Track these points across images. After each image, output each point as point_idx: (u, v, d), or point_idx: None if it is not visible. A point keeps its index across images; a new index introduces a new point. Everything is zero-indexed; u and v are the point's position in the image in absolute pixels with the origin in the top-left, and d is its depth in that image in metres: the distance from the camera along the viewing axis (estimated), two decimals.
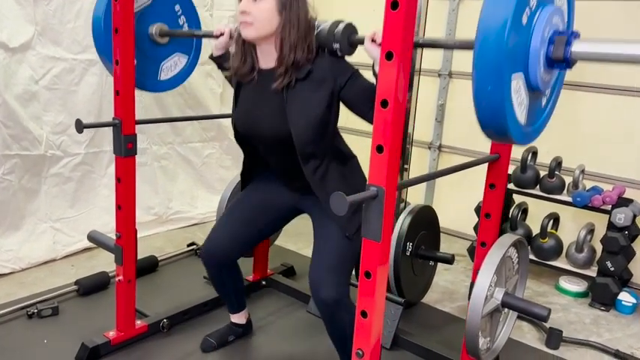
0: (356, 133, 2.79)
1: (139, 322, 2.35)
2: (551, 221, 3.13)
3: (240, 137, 2.00)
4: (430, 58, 3.72)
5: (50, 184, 3.14)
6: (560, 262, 3.09)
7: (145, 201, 3.59)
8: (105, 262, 3.10)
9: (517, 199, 3.29)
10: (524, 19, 1.22)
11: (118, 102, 2.07)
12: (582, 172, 3.03)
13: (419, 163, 3.77)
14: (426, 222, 2.76)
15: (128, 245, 2.21)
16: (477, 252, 2.06)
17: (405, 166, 3.00)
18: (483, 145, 3.67)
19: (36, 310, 2.47)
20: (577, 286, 3.06)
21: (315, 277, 1.83)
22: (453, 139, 3.85)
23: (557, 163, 3.09)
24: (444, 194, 3.97)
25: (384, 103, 1.32)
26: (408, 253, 2.63)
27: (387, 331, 2.40)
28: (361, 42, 1.70)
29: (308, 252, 3.47)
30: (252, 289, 2.83)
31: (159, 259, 3.14)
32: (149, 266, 3.01)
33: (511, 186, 3.21)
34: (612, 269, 2.82)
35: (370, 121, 1.67)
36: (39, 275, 2.91)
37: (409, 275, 2.67)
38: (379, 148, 1.35)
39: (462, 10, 3.64)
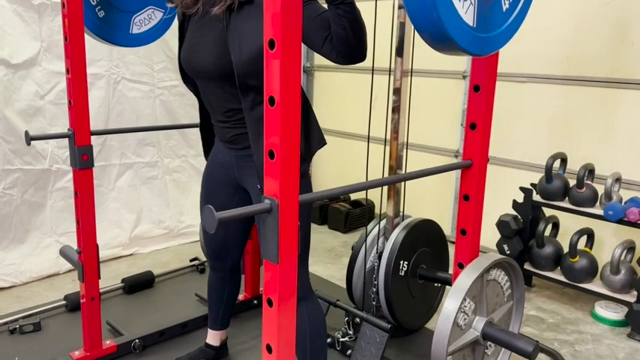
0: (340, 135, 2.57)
1: (107, 342, 2.25)
2: (584, 238, 2.74)
3: (185, 77, 1.82)
4: (454, 59, 3.43)
5: (56, 198, 3.16)
6: (596, 286, 2.69)
7: (155, 215, 3.55)
8: (107, 277, 3.06)
9: (548, 212, 2.92)
10: None
11: (71, 112, 1.99)
12: (617, 181, 2.63)
13: (445, 173, 3.46)
14: (427, 238, 2.48)
15: (89, 262, 2.11)
16: (453, 275, 1.78)
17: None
18: (517, 152, 3.37)
19: (17, 326, 2.44)
20: (615, 313, 2.64)
21: None
22: None
23: (589, 171, 2.70)
24: None
25: (271, 101, 1.12)
26: (402, 273, 2.36)
27: None
28: None
29: (316, 269, 3.29)
30: (242, 308, 2.67)
31: (161, 273, 3.07)
32: (144, 282, 2.92)
33: (538, 198, 2.86)
34: None
35: (326, 55, 1.48)
36: (37, 290, 2.91)
37: (405, 298, 2.40)
38: (270, 154, 1.15)
39: None
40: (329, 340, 2.38)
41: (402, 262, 2.36)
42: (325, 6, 1.47)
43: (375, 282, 2.37)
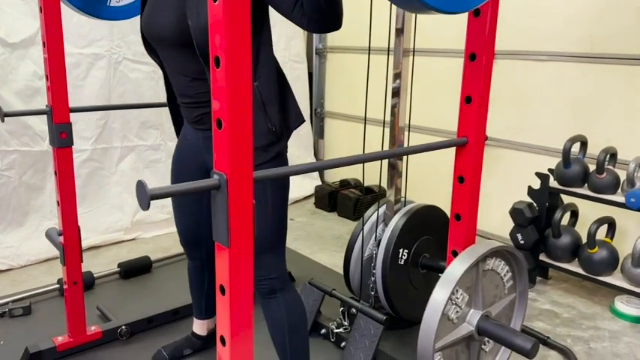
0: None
1: (92, 328, 2.17)
2: (605, 227, 2.54)
3: (148, 46, 1.68)
4: (459, 38, 3.24)
5: None
6: (616, 279, 2.49)
7: (158, 199, 3.46)
8: (106, 261, 3.00)
9: (566, 199, 2.72)
10: None
11: (49, 88, 1.90)
12: None
13: None
14: (430, 225, 2.32)
15: (70, 244, 2.04)
16: (447, 263, 1.62)
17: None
18: (536, 136, 3.16)
19: (7, 310, 2.39)
20: (636, 308, 2.44)
21: None
22: (501, 130, 3.31)
23: (610, 155, 2.50)
24: (489, 194, 3.44)
25: (217, 61, 0.99)
26: (401, 262, 2.21)
27: (364, 354, 2.01)
28: None
29: (321, 257, 3.16)
30: None
31: (161, 259, 2.99)
32: (141, 267, 2.84)
33: (555, 184, 2.66)
34: None
35: (297, 22, 1.34)
36: (34, 273, 2.86)
37: (405, 288, 2.25)
38: (218, 123, 1.02)
39: None
40: (323, 330, 2.25)
41: (401, 251, 2.21)
42: None
43: (374, 271, 2.23)
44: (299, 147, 4.29)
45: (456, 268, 1.47)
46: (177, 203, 1.94)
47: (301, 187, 4.23)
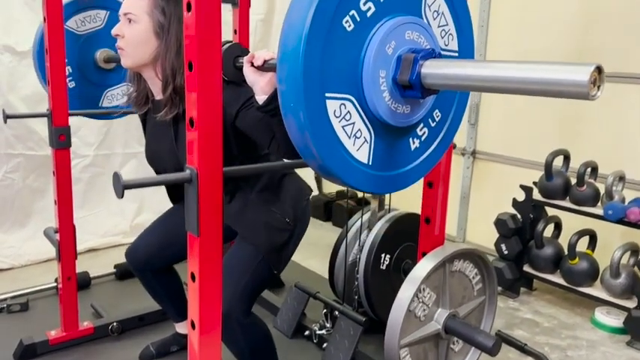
0: None
1: (85, 324, 2.26)
2: (586, 239, 2.61)
3: (156, 170, 1.87)
4: None
5: None
6: (596, 290, 2.55)
7: (157, 204, 3.54)
8: (104, 263, 3.10)
9: (551, 211, 2.79)
10: (349, 26, 0.95)
11: (49, 92, 2.02)
12: (621, 179, 2.50)
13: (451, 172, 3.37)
14: (413, 232, 2.38)
15: (65, 241, 2.14)
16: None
17: None
18: (525, 150, 3.24)
19: (5, 306, 2.49)
20: (615, 319, 2.49)
21: None
22: (491, 143, 3.40)
23: (592, 169, 2.57)
24: (479, 207, 3.51)
25: (190, 66, 1.09)
26: (383, 267, 2.29)
27: (344, 355, 2.09)
28: None
29: (311, 263, 3.24)
30: None
31: None
32: None
33: (539, 196, 2.73)
34: None
35: (274, 152, 1.44)
36: (35, 272, 2.97)
37: (387, 292, 2.32)
38: (190, 122, 1.12)
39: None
40: (307, 332, 2.33)
41: (383, 256, 2.29)
42: None
43: (357, 275, 2.31)
44: None
45: (422, 267, 1.55)
46: (160, 222, 2.05)
47: None
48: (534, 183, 2.75)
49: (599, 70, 0.84)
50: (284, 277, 2.79)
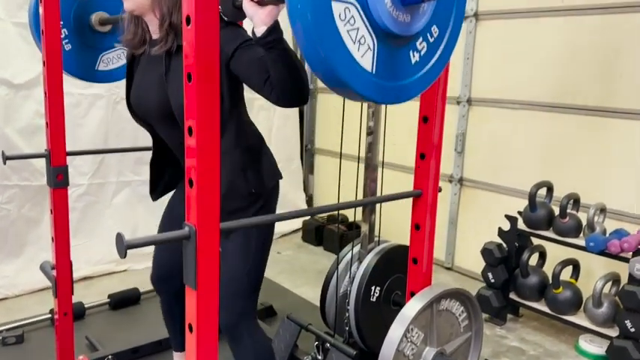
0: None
1: (81, 358, 2.30)
2: (570, 268, 2.69)
3: (136, 116, 1.87)
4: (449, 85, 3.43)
5: None
6: (580, 318, 2.62)
7: (150, 232, 3.60)
8: (98, 292, 3.13)
9: (537, 241, 2.87)
10: None
11: (48, 133, 2.07)
12: (602, 211, 2.58)
13: (439, 198, 3.44)
14: (402, 264, 2.44)
15: (62, 278, 2.18)
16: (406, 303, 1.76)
17: None
18: (510, 178, 3.32)
19: (1, 338, 2.52)
20: (599, 347, 2.57)
21: None
22: (477, 171, 3.49)
23: (574, 201, 2.66)
24: (466, 232, 3.59)
25: (190, 131, 1.16)
26: (373, 299, 2.36)
27: None
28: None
29: (303, 290, 3.29)
30: None
31: (149, 290, 3.12)
32: (130, 299, 2.98)
33: (523, 226, 2.81)
34: (632, 330, 2.32)
35: (267, 96, 1.49)
36: (28, 303, 3.00)
37: (377, 324, 2.38)
38: (190, 182, 1.18)
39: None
40: None
41: (374, 288, 2.35)
42: None
43: (348, 307, 2.36)
44: (290, 182, 4.46)
45: (411, 308, 1.62)
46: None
47: (289, 221, 4.38)
48: (519, 212, 2.83)
49: None
50: (277, 306, 2.84)
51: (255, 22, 1.40)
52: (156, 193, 2.04)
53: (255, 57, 1.50)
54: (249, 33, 1.52)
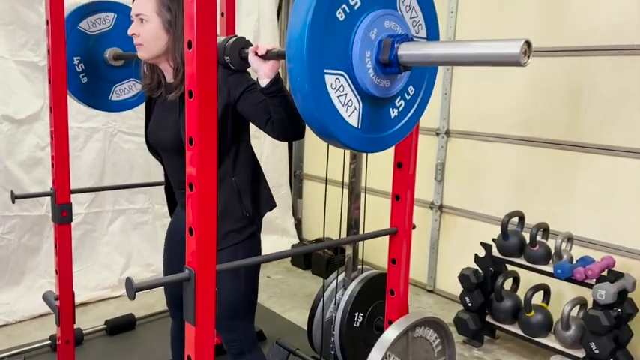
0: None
1: None
2: (541, 293, 2.87)
3: (152, 149, 2.04)
4: (427, 117, 3.64)
5: (51, 243, 3.38)
6: (551, 340, 2.81)
7: (144, 258, 3.77)
8: (94, 317, 3.26)
9: (511, 267, 3.05)
10: (341, 17, 1.22)
11: (53, 173, 2.24)
12: (569, 240, 2.78)
13: (421, 223, 3.63)
14: (384, 291, 2.63)
15: (65, 308, 2.33)
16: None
17: None
18: (486, 206, 3.52)
19: None
20: None
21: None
22: (456, 199, 3.69)
23: (543, 230, 2.85)
24: (447, 257, 3.78)
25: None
26: (357, 324, 2.52)
27: None
28: None
29: (292, 314, 3.44)
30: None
31: (145, 316, 3.26)
32: (126, 324, 3.11)
33: (497, 253, 3.00)
34: (597, 352, 2.51)
35: (269, 134, 1.72)
36: (28, 329, 3.12)
37: (360, 348, 2.54)
38: (190, 231, 1.36)
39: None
40: None
41: (357, 314, 2.52)
42: None
43: (334, 332, 2.53)
44: (279, 207, 4.60)
45: (387, 336, 1.79)
46: (168, 263, 2.17)
47: (279, 245, 4.54)
48: (493, 240, 3.03)
49: (527, 44, 1.13)
50: (266, 330, 3.00)
51: (260, 74, 1.63)
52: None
53: (258, 100, 1.72)
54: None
